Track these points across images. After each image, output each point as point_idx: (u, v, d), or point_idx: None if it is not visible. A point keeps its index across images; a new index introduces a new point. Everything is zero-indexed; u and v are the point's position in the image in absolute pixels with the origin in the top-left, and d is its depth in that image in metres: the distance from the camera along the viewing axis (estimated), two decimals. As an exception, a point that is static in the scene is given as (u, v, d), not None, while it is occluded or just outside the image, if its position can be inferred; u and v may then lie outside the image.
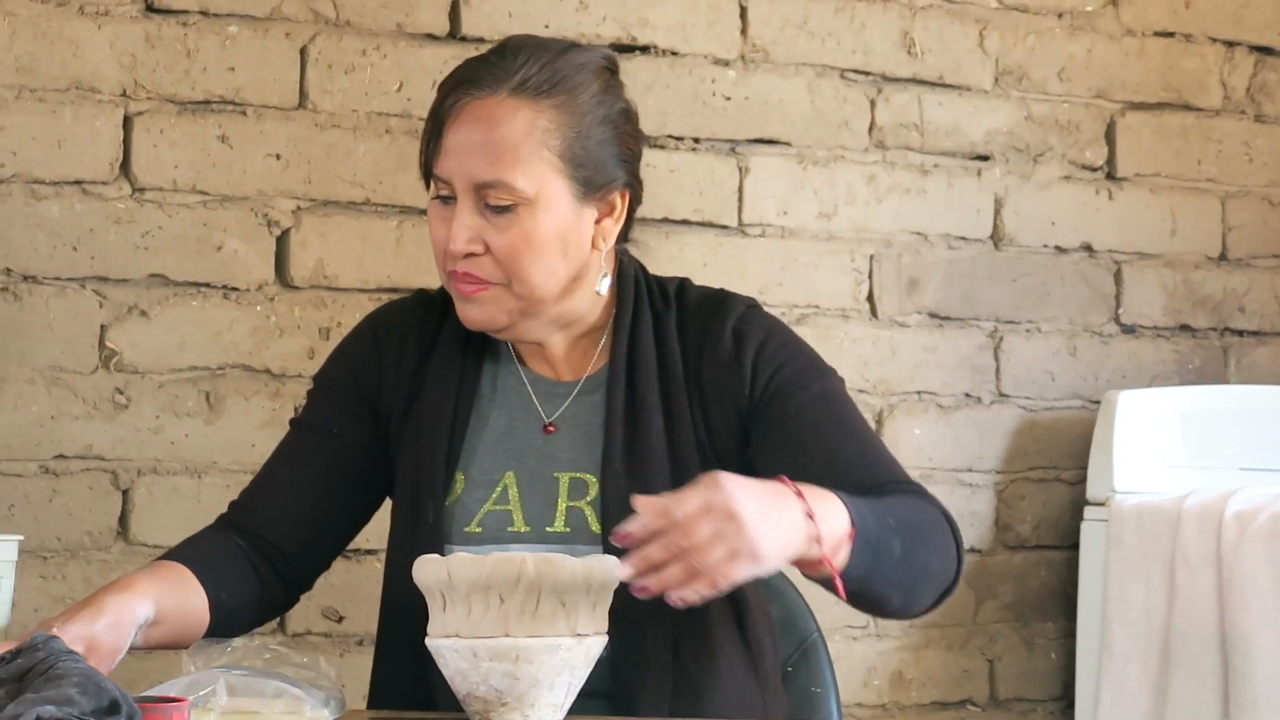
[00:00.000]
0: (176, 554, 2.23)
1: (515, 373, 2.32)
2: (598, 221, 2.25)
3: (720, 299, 2.33)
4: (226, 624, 2.18)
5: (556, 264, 2.23)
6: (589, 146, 2.24)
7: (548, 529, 2.24)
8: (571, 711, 1.97)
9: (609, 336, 2.31)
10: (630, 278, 2.32)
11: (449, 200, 2.22)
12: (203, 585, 2.19)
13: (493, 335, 2.29)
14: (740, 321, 2.29)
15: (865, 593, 2.06)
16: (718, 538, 1.89)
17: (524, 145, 2.21)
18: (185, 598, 2.16)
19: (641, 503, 1.92)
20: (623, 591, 2.03)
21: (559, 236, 2.22)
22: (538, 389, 2.31)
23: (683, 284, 2.36)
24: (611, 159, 2.26)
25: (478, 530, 2.23)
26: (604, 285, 2.28)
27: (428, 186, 2.25)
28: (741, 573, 1.90)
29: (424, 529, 2.24)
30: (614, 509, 2.19)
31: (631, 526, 1.90)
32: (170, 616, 2.11)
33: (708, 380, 2.28)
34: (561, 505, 2.24)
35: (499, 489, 2.25)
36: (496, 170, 2.19)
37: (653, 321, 2.31)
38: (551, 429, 2.29)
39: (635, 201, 2.30)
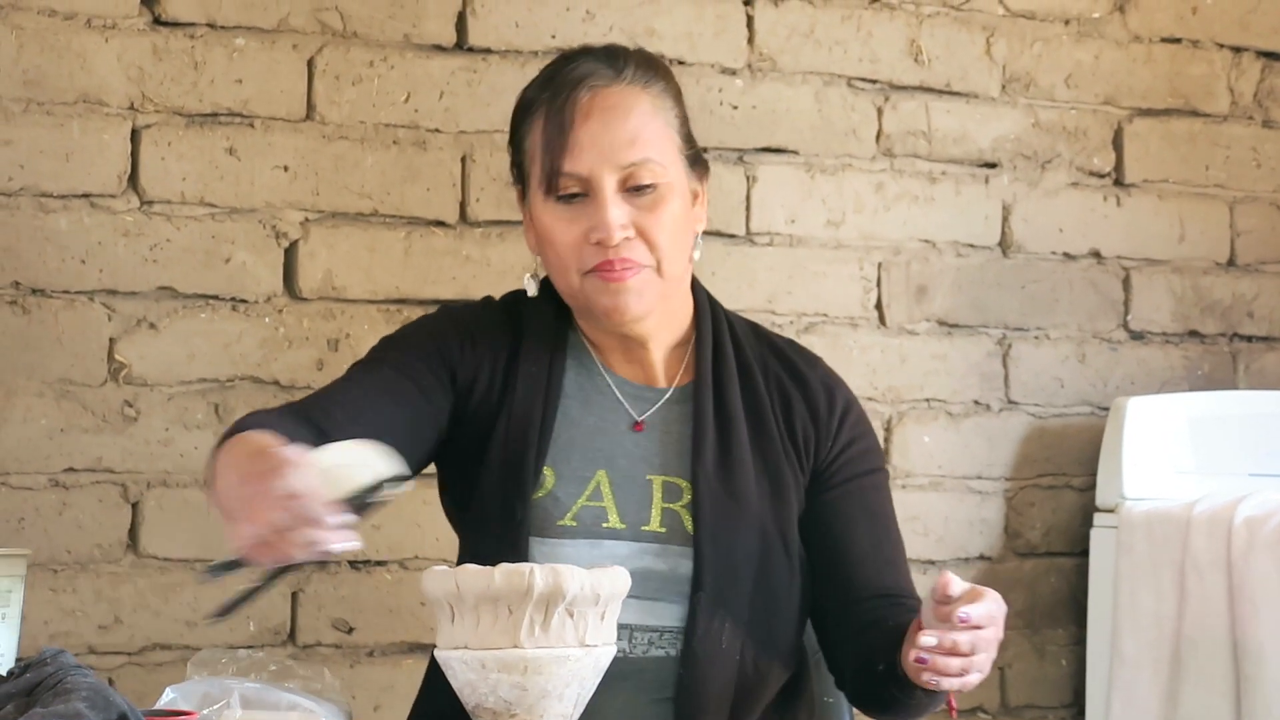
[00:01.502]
0: (266, 429, 2.05)
1: (601, 375, 2.35)
2: (693, 205, 2.34)
3: (798, 345, 2.44)
4: None
5: (686, 243, 2.31)
6: (687, 130, 2.35)
7: (643, 528, 2.27)
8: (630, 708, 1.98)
9: (693, 348, 2.36)
10: (701, 291, 2.40)
11: (574, 199, 2.25)
12: None
13: (628, 329, 2.31)
14: (828, 377, 2.40)
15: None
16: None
17: (654, 125, 2.29)
18: None
19: (978, 603, 1.97)
20: (700, 600, 2.17)
21: (684, 216, 2.31)
22: (624, 391, 2.34)
23: (749, 320, 2.45)
24: (694, 144, 2.36)
25: (573, 524, 2.26)
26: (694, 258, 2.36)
27: (547, 192, 2.26)
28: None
29: (510, 526, 2.24)
30: (707, 512, 2.26)
31: (974, 613, 1.96)
32: None
33: (798, 419, 2.35)
34: (657, 508, 2.28)
35: (591, 486, 2.29)
36: (640, 150, 2.26)
37: (731, 340, 2.37)
38: (640, 427, 2.31)
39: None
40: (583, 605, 1.92)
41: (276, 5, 3.13)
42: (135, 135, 3.06)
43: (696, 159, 2.35)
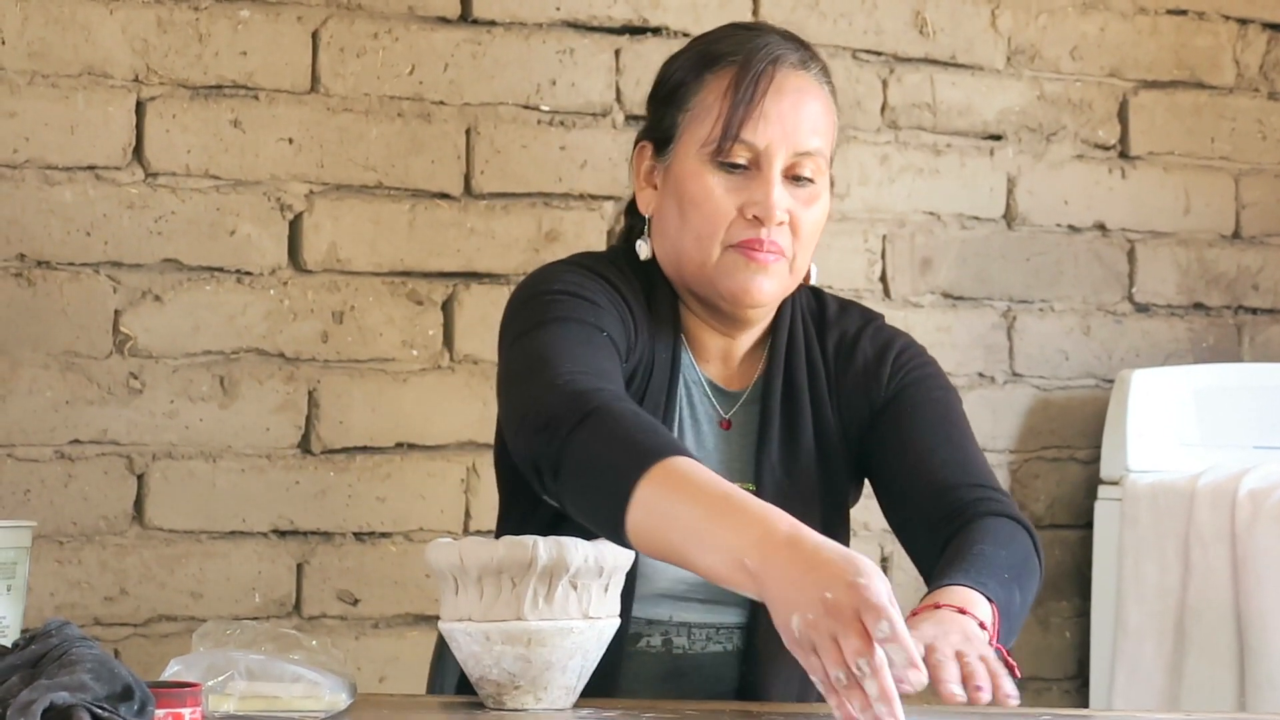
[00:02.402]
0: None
1: (691, 369, 2.31)
2: None
3: (857, 309, 2.39)
4: None
5: (816, 245, 2.28)
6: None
7: None
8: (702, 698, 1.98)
9: (769, 348, 2.32)
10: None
11: (737, 169, 2.21)
12: None
13: (743, 314, 2.27)
14: (880, 331, 2.36)
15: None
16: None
17: (828, 121, 2.27)
18: None
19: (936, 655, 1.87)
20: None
21: (825, 219, 2.29)
22: (710, 390, 2.31)
23: (817, 293, 2.39)
24: None
25: None
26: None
27: (715, 155, 2.21)
28: None
29: None
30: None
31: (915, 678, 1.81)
32: None
33: (847, 388, 2.32)
34: None
35: None
36: (815, 140, 2.23)
37: (803, 332, 2.33)
38: (727, 425, 2.29)
39: None
40: (586, 578, 1.92)
41: (281, -23, 3.14)
42: (140, 107, 3.06)
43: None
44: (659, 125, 2.30)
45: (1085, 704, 3.56)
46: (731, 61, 2.24)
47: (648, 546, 1.92)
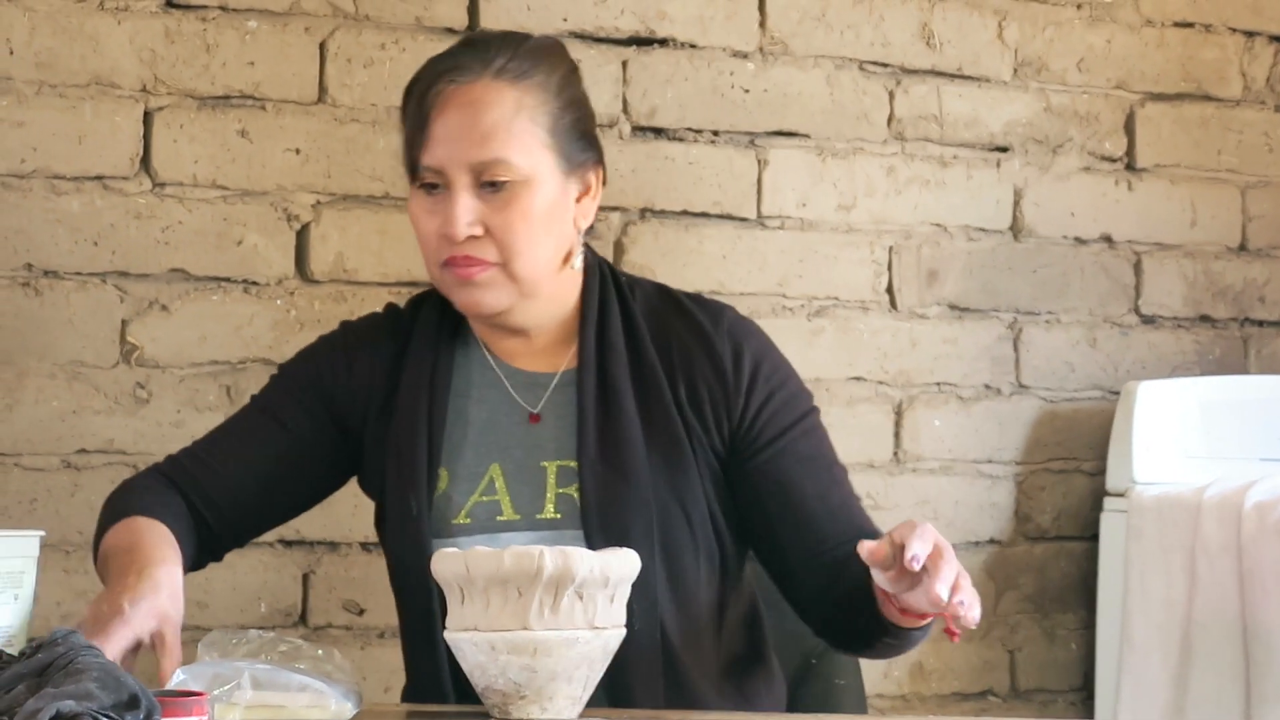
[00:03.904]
0: (148, 511, 2.28)
1: (490, 367, 2.34)
2: (578, 200, 2.31)
3: (705, 300, 2.39)
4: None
5: (549, 241, 2.28)
6: (568, 123, 2.29)
7: (538, 516, 2.26)
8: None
9: (579, 335, 2.34)
10: (595, 271, 2.36)
11: (435, 189, 2.25)
12: (178, 540, 2.24)
13: (489, 321, 2.31)
14: (736, 330, 2.35)
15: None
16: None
17: (515, 122, 2.25)
18: (180, 558, 2.21)
19: (913, 543, 1.93)
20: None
21: (550, 213, 2.27)
22: (515, 381, 2.33)
23: (664, 287, 2.41)
24: (585, 137, 2.32)
25: (466, 521, 2.26)
26: (578, 262, 2.34)
27: (412, 181, 2.28)
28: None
29: (409, 524, 2.26)
30: (592, 495, 2.24)
31: (918, 549, 1.91)
32: None
33: (700, 379, 2.31)
34: (551, 492, 2.27)
35: (485, 481, 2.28)
36: (492, 148, 2.23)
37: (621, 313, 2.34)
38: (536, 419, 2.31)
39: (602, 184, 2.35)
40: (592, 588, 1.92)
41: (288, -12, 3.14)
42: (147, 118, 3.06)
43: (585, 149, 2.31)
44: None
45: (1090, 717, 3.56)
46: (411, 94, 2.30)
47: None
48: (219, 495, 2.33)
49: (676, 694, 2.24)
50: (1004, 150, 3.59)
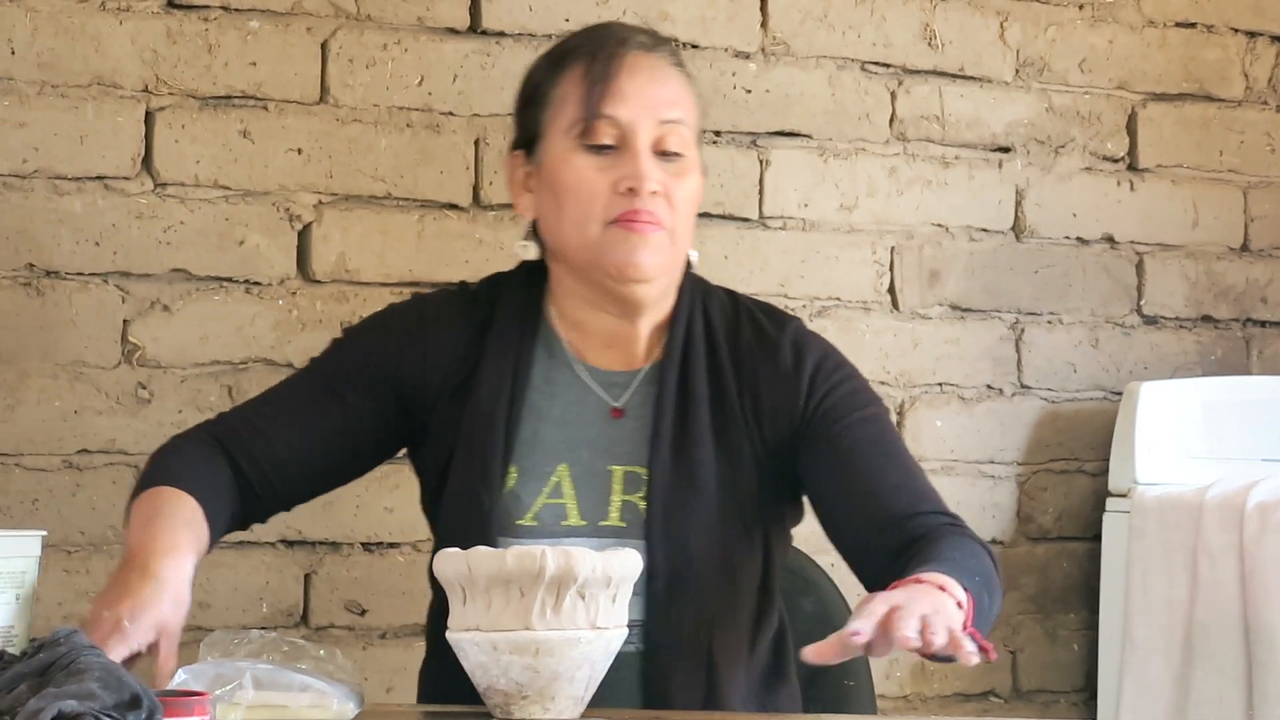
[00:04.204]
0: (181, 482, 2.24)
1: (569, 365, 2.33)
2: None
3: (774, 309, 2.40)
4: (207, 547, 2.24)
5: (694, 220, 2.33)
6: (699, 130, 2.35)
7: (602, 523, 2.26)
8: (600, 705, 1.98)
9: (668, 333, 2.34)
10: (689, 270, 2.38)
11: (606, 150, 2.25)
12: (206, 517, 2.22)
13: (631, 291, 2.29)
14: (798, 335, 2.35)
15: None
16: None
17: (687, 97, 2.32)
18: (203, 537, 2.21)
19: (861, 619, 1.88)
20: (657, 590, 2.13)
21: (699, 193, 2.33)
22: (596, 378, 2.32)
23: (733, 292, 2.42)
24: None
25: (533, 523, 2.25)
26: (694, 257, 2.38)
27: (584, 135, 2.26)
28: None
29: (478, 520, 2.24)
30: (659, 503, 2.23)
31: (859, 624, 1.85)
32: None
33: (764, 385, 2.31)
34: (617, 499, 2.26)
35: (552, 482, 2.27)
36: (678, 110, 2.28)
37: (703, 318, 2.34)
38: (619, 413, 2.30)
39: None
40: (594, 588, 1.92)
41: (290, -12, 3.15)
42: (149, 118, 3.06)
43: (698, 155, 2.36)
44: (525, 129, 2.36)
45: (1093, 717, 3.55)
46: (583, 52, 2.30)
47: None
48: (268, 463, 2.31)
49: (711, 701, 2.24)
50: (1006, 151, 3.60)
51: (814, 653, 1.88)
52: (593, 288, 2.31)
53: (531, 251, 2.35)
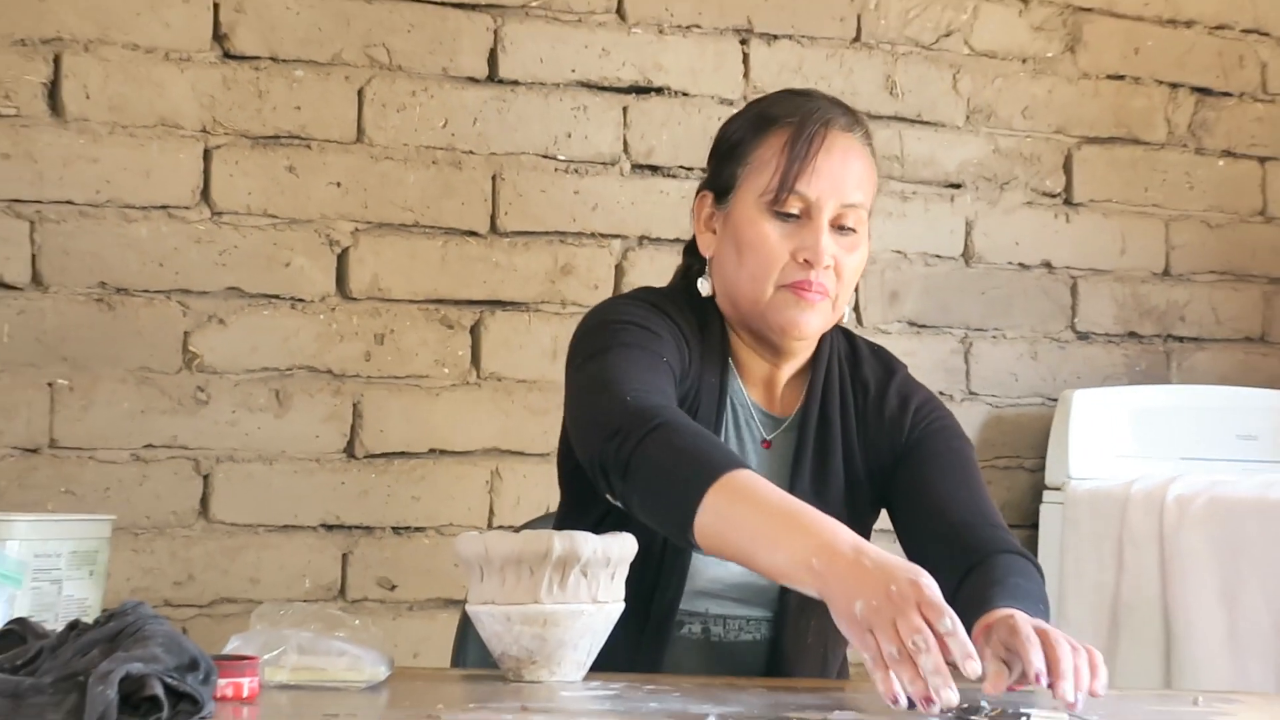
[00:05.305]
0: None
1: (741, 394, 2.28)
2: None
3: (886, 358, 2.37)
4: None
5: (854, 286, 2.27)
6: (875, 194, 2.28)
7: None
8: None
9: (809, 378, 2.29)
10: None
11: (790, 219, 2.19)
12: None
13: (789, 345, 2.25)
14: (905, 384, 2.33)
15: None
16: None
17: (870, 176, 2.24)
18: None
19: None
20: (789, 599, 2.14)
21: (864, 264, 2.26)
22: (756, 411, 2.28)
23: (848, 335, 2.37)
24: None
25: None
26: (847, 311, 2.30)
27: (774, 203, 2.19)
28: None
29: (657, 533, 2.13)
30: None
31: (1039, 666, 1.79)
32: None
33: (873, 429, 2.29)
34: None
35: None
36: (860, 193, 2.21)
37: (838, 367, 2.31)
38: (768, 445, 2.27)
39: None
40: (595, 567, 1.92)
41: (331, 41, 3.14)
42: (207, 155, 3.07)
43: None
44: (719, 177, 2.27)
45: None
46: (788, 122, 2.22)
47: (712, 546, 1.92)
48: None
49: (819, 672, 2.25)
50: (957, 187, 3.60)
51: (997, 687, 1.82)
52: (752, 333, 2.27)
53: (707, 289, 2.28)
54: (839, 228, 2.20)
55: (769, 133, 2.23)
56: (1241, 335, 3.82)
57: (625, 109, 3.33)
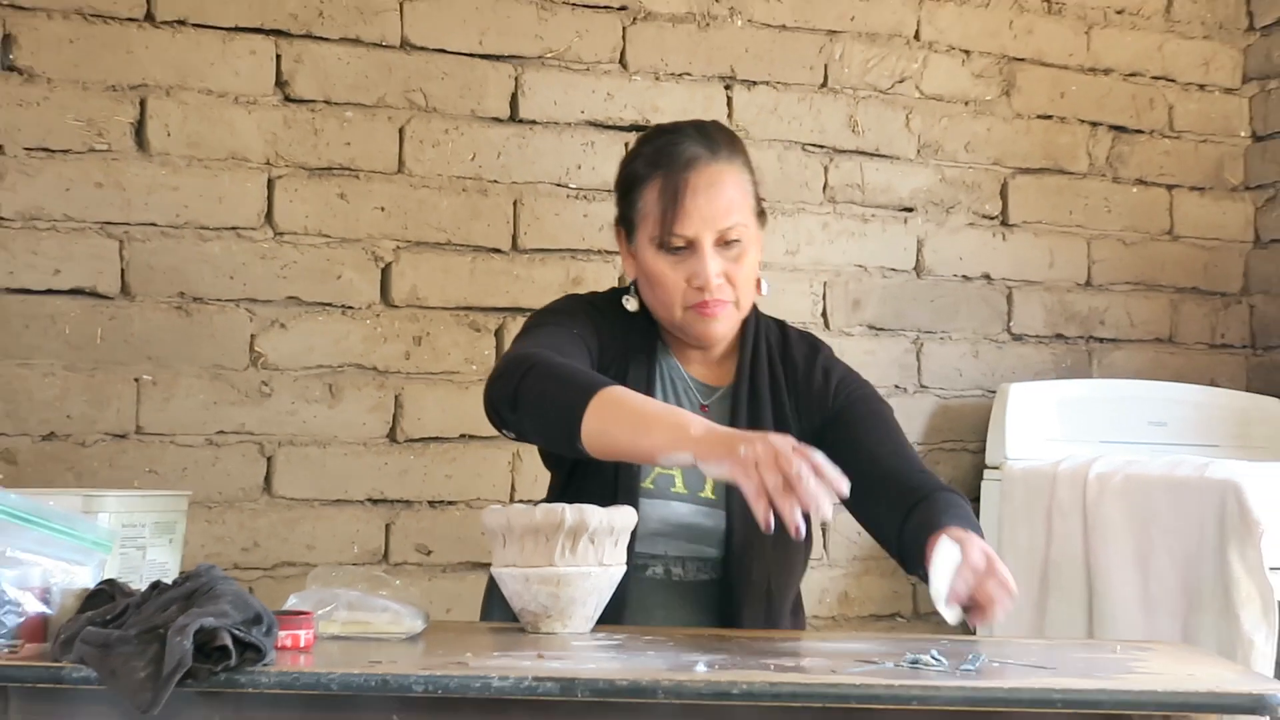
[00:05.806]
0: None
1: (680, 374, 2.29)
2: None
3: (812, 340, 2.36)
4: None
5: (755, 280, 2.26)
6: (755, 190, 2.27)
7: (699, 494, 2.23)
8: (683, 624, 1.98)
9: (738, 353, 2.30)
10: (754, 310, 2.33)
11: (679, 251, 2.20)
12: None
13: (710, 343, 2.26)
14: (827, 361, 2.33)
15: None
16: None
17: (740, 192, 2.22)
18: None
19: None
20: (734, 544, 2.14)
21: (758, 259, 2.26)
22: (695, 385, 2.29)
23: (782, 324, 2.37)
24: (758, 198, 2.28)
25: (650, 486, 2.22)
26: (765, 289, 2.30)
27: (661, 246, 2.19)
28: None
29: (614, 481, 2.18)
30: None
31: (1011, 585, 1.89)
32: None
33: (804, 395, 2.29)
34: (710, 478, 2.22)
35: None
36: (731, 216, 2.19)
37: (765, 345, 2.31)
38: (705, 409, 2.27)
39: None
40: (601, 535, 1.92)
41: (376, 87, 3.14)
42: (270, 184, 3.06)
43: (761, 211, 2.28)
44: (624, 216, 2.29)
45: (973, 632, 3.55)
46: (658, 173, 2.22)
47: (598, 446, 1.94)
48: None
49: (767, 624, 2.22)
50: (910, 210, 3.60)
51: (984, 619, 1.91)
52: (677, 338, 2.29)
53: (633, 305, 2.29)
54: (725, 243, 2.20)
55: (646, 184, 2.23)
56: (1153, 336, 3.81)
57: (627, 144, 3.33)
